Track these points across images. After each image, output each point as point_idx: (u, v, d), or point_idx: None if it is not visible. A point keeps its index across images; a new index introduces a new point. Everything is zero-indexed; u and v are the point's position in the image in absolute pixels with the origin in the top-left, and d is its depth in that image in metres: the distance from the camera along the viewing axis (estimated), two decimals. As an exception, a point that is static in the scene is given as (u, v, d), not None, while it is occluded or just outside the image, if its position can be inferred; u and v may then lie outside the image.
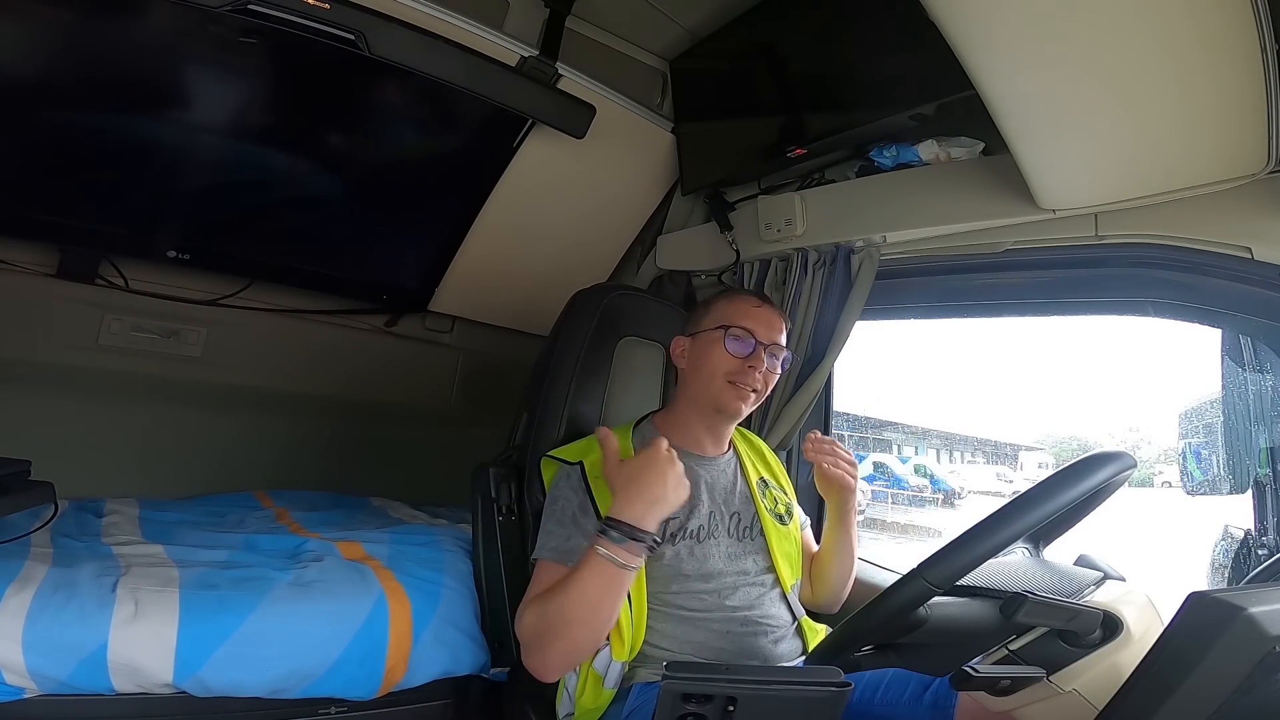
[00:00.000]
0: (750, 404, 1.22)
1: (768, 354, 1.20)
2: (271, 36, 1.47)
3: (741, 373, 1.19)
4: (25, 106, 1.53)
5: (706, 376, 1.21)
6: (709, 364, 1.21)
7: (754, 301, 1.25)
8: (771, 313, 1.25)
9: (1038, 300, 1.42)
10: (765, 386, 1.22)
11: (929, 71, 1.22)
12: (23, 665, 1.07)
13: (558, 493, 1.16)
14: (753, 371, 1.19)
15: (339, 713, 1.30)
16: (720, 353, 1.20)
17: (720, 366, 1.19)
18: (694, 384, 1.24)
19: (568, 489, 1.16)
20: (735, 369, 1.19)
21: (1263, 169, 1.05)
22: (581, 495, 1.14)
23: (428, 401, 2.39)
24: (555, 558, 1.08)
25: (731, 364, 1.19)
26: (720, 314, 1.24)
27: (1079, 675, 0.80)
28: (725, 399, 1.20)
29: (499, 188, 1.93)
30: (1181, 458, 1.51)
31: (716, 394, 1.20)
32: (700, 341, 1.24)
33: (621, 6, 1.69)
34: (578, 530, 1.10)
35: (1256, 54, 0.92)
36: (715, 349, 1.20)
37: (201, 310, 1.98)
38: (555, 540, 1.10)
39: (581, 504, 1.13)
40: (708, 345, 1.22)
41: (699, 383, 1.22)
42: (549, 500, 1.18)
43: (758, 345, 1.20)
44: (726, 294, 1.29)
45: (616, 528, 0.97)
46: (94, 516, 1.68)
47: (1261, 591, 0.61)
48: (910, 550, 4.14)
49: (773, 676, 0.81)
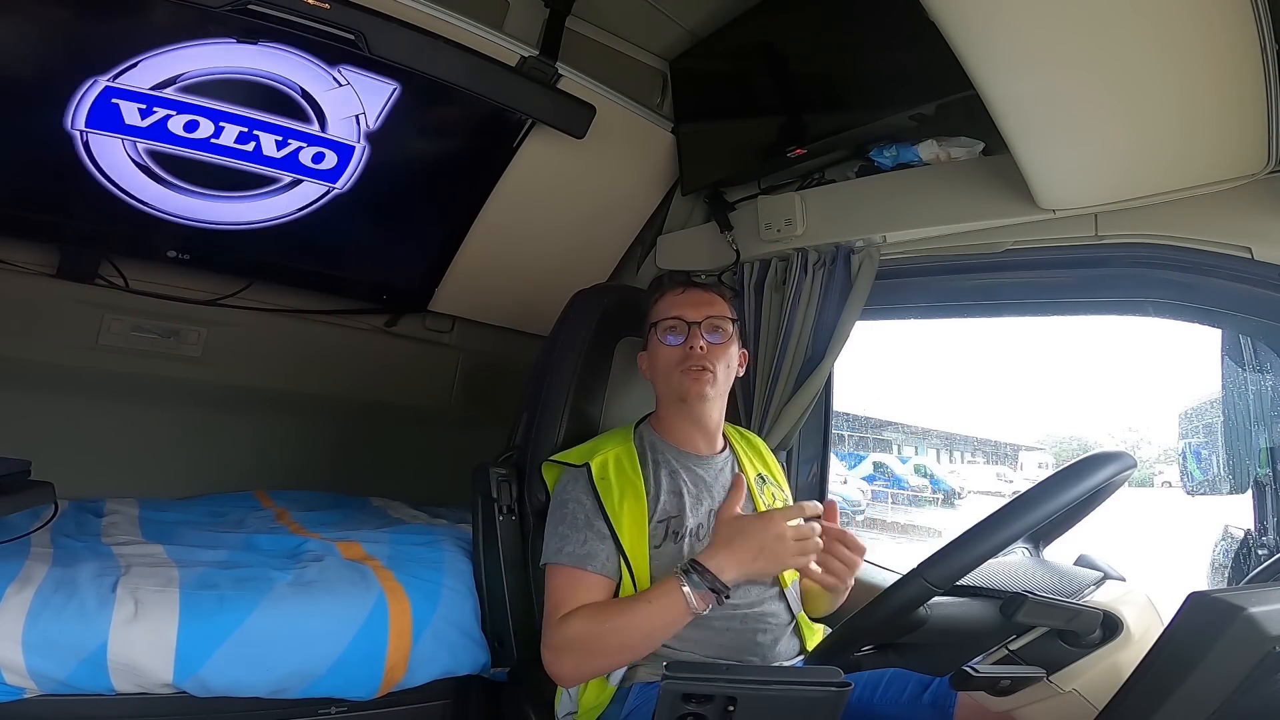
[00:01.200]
0: (711, 383, 1.21)
1: (704, 331, 1.22)
2: (271, 36, 1.47)
3: (684, 357, 1.21)
4: (26, 106, 1.53)
5: (663, 376, 1.24)
6: (659, 364, 1.24)
7: (678, 290, 1.27)
8: (698, 293, 1.26)
9: (1038, 300, 1.42)
10: (716, 361, 1.22)
11: (929, 71, 1.22)
12: (23, 665, 1.08)
13: (567, 495, 1.17)
14: (692, 351, 1.20)
15: (339, 713, 1.30)
16: (662, 350, 1.23)
17: (667, 361, 1.22)
18: (658, 387, 1.26)
19: (578, 492, 1.16)
20: (679, 357, 1.21)
21: (1263, 169, 1.05)
22: (592, 497, 1.14)
23: (428, 401, 2.39)
24: (575, 563, 1.09)
25: (673, 354, 1.21)
26: (653, 315, 1.27)
27: (1079, 675, 0.80)
28: (684, 387, 1.21)
29: (499, 188, 1.93)
30: (1181, 458, 1.52)
31: (675, 387, 1.22)
32: (649, 348, 1.27)
33: (621, 6, 1.69)
34: (592, 534, 1.11)
35: (1256, 54, 0.92)
36: (657, 349, 1.24)
37: (201, 310, 1.98)
38: (572, 545, 1.11)
39: (591, 508, 1.14)
40: (653, 348, 1.26)
41: (660, 384, 1.26)
42: (557, 504, 1.18)
43: (690, 326, 1.21)
44: (655, 292, 1.31)
45: (700, 573, 0.99)
46: (94, 516, 1.68)
47: (1261, 591, 0.61)
48: (910, 550, 4.14)
49: (773, 676, 0.81)
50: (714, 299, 1.26)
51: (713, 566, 1.00)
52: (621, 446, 1.21)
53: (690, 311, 1.23)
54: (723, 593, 1.00)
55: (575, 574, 1.09)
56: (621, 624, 1.01)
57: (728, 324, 1.25)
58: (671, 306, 1.25)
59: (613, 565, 1.10)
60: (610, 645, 1.02)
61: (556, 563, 1.11)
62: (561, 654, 1.04)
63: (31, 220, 1.71)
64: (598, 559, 1.09)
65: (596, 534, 1.11)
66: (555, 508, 1.18)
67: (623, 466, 1.18)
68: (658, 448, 1.23)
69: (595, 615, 1.04)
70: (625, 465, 1.18)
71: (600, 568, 1.09)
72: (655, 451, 1.22)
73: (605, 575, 1.10)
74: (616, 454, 1.20)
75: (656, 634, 1.02)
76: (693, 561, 1.01)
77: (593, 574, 1.09)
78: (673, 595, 0.99)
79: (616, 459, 1.19)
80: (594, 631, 1.02)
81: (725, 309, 1.27)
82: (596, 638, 1.02)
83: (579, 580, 1.09)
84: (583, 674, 1.06)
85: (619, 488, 1.15)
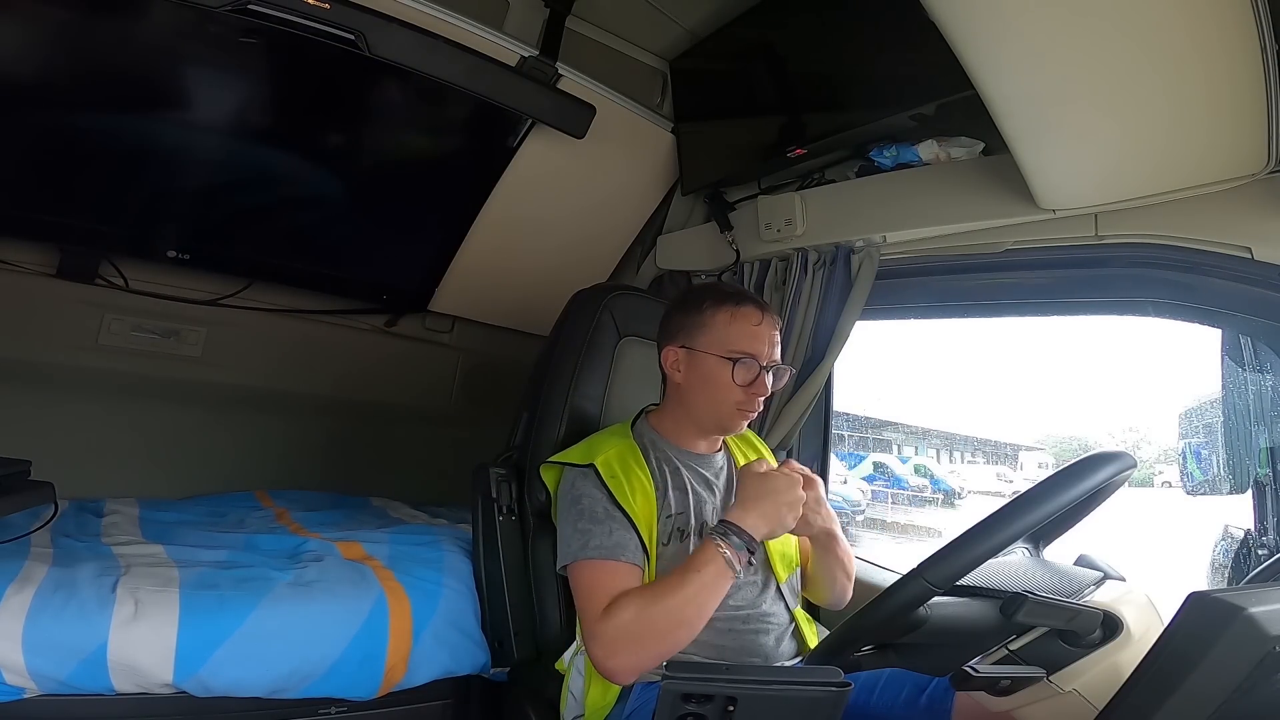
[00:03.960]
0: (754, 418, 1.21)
1: (771, 375, 1.17)
2: (272, 36, 1.47)
3: (747, 400, 1.15)
4: (26, 106, 1.53)
5: (711, 401, 1.17)
6: (713, 389, 1.16)
7: (754, 317, 1.17)
8: (771, 326, 1.19)
9: (1038, 300, 1.42)
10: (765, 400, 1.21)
11: (929, 71, 1.22)
12: (23, 665, 1.07)
13: (580, 492, 1.14)
14: (756, 397, 1.16)
15: (339, 713, 1.30)
16: (726, 381, 1.15)
17: (727, 395, 1.15)
18: (695, 404, 1.19)
19: (589, 487, 1.13)
20: (742, 398, 1.15)
21: (1263, 169, 1.05)
22: (605, 492, 1.12)
23: (428, 401, 2.39)
24: (606, 555, 1.07)
25: (738, 393, 1.15)
26: (722, 334, 1.16)
27: (1079, 675, 0.80)
28: (731, 423, 1.19)
29: (499, 187, 1.93)
30: (1181, 458, 1.51)
31: (723, 419, 1.18)
32: (700, 361, 1.17)
33: (621, 6, 1.69)
34: (617, 524, 1.09)
35: (1256, 54, 0.92)
36: (720, 376, 1.15)
37: (201, 310, 1.98)
38: (598, 539, 1.08)
39: (608, 502, 1.11)
40: (711, 369, 1.16)
41: (702, 405, 1.18)
42: (568, 501, 1.15)
43: (761, 371, 1.15)
44: (723, 305, 1.18)
45: (737, 533, 1.01)
46: (94, 516, 1.68)
47: (1261, 591, 0.61)
48: (910, 550, 4.14)
49: (773, 676, 0.81)
50: (778, 332, 1.20)
51: (747, 525, 1.01)
52: (623, 443, 1.19)
53: (766, 350, 1.16)
54: (757, 549, 1.03)
55: (608, 566, 1.06)
56: (674, 602, 0.99)
57: (785, 372, 1.22)
58: (751, 339, 1.16)
59: (640, 554, 1.09)
60: (666, 627, 0.99)
61: (585, 558, 1.08)
62: (616, 647, 1.00)
63: (31, 220, 1.71)
64: (628, 549, 1.07)
65: (620, 524, 1.09)
66: (567, 505, 1.15)
67: (628, 464, 1.15)
68: (659, 445, 1.21)
69: (644, 599, 1.01)
70: (630, 462, 1.16)
71: (632, 557, 1.07)
72: (657, 449, 1.20)
73: (637, 565, 1.08)
74: (620, 451, 1.17)
75: (708, 604, 1.01)
76: (724, 521, 1.03)
77: (626, 564, 1.07)
78: (716, 560, 1.00)
79: (621, 456, 1.16)
80: (647, 616, 0.99)
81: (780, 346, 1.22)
82: (650, 622, 0.99)
83: (613, 572, 1.06)
84: (642, 664, 1.01)
85: (629, 484, 1.13)
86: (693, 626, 1.01)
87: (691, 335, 1.18)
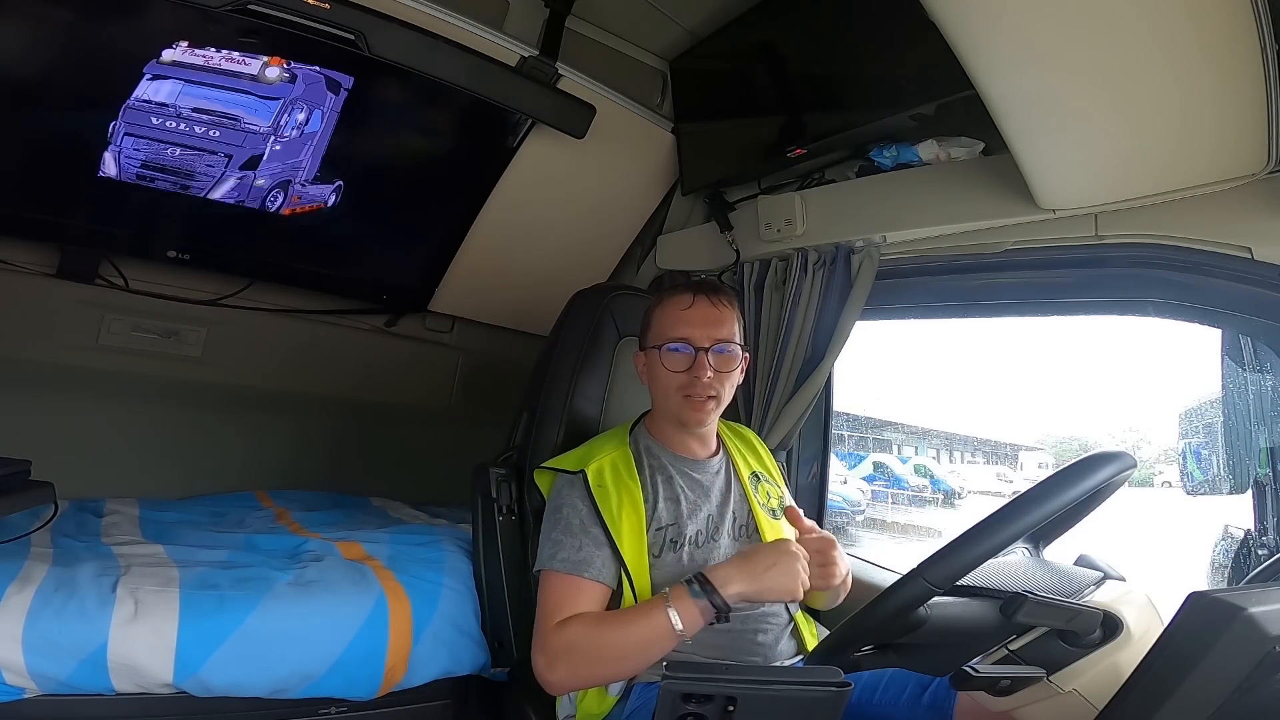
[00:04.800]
0: (712, 410, 1.18)
1: (712, 355, 1.14)
2: (272, 36, 1.47)
3: (689, 385, 1.15)
4: (26, 106, 1.53)
5: (661, 395, 1.19)
6: (659, 383, 1.18)
7: (684, 301, 1.17)
8: (705, 307, 1.16)
9: (1038, 300, 1.42)
10: (722, 386, 1.17)
11: (929, 71, 1.22)
12: (23, 665, 1.08)
13: (562, 500, 1.15)
14: (698, 380, 1.14)
15: (339, 713, 1.30)
16: (663, 371, 1.16)
17: (669, 384, 1.16)
18: (656, 400, 1.22)
19: (574, 497, 1.14)
20: (683, 383, 1.15)
21: (1263, 169, 1.05)
22: (588, 504, 1.13)
23: (428, 401, 2.39)
24: (569, 569, 1.08)
25: (677, 379, 1.15)
26: (656, 327, 1.19)
27: (1079, 675, 0.80)
28: (684, 414, 1.18)
29: (499, 188, 1.93)
30: (1181, 458, 1.51)
31: (675, 411, 1.18)
32: (649, 358, 1.20)
33: (621, 6, 1.69)
34: (588, 539, 1.09)
35: (1256, 54, 0.92)
36: (658, 368, 1.17)
37: (201, 310, 1.98)
38: (566, 551, 1.09)
39: (589, 513, 1.12)
40: (654, 364, 1.18)
41: (658, 400, 1.21)
42: (552, 508, 1.16)
43: (697, 353, 1.14)
44: (658, 300, 1.22)
45: (704, 586, 0.97)
46: (94, 516, 1.68)
47: (1261, 591, 0.61)
48: (910, 550, 4.14)
49: (773, 676, 0.81)
50: (723, 314, 1.17)
51: (716, 579, 0.97)
52: (617, 452, 1.19)
53: (698, 333, 1.15)
54: (723, 609, 0.97)
55: (570, 580, 1.07)
56: (616, 637, 0.99)
57: (736, 346, 1.18)
58: (678, 323, 1.16)
59: (609, 573, 1.08)
60: (605, 657, 1.00)
61: (550, 568, 1.09)
62: (555, 661, 1.01)
63: (31, 220, 1.71)
64: (593, 566, 1.08)
65: (592, 540, 1.09)
66: (550, 513, 1.16)
67: (619, 473, 1.16)
68: (653, 452, 1.21)
69: (593, 625, 1.02)
70: (622, 472, 1.16)
71: (596, 575, 1.07)
72: (651, 456, 1.21)
73: (601, 582, 1.08)
74: (613, 459, 1.18)
75: (649, 650, 0.99)
76: (700, 574, 0.99)
77: (588, 581, 1.07)
78: (660, 617, 0.97)
79: (613, 465, 1.17)
80: (591, 642, 1.00)
81: (734, 325, 1.18)
82: (592, 649, 1.00)
83: (574, 587, 1.07)
84: (575, 682, 1.04)
85: (617, 495, 1.13)
86: (635, 664, 1.02)
87: (643, 337, 1.24)
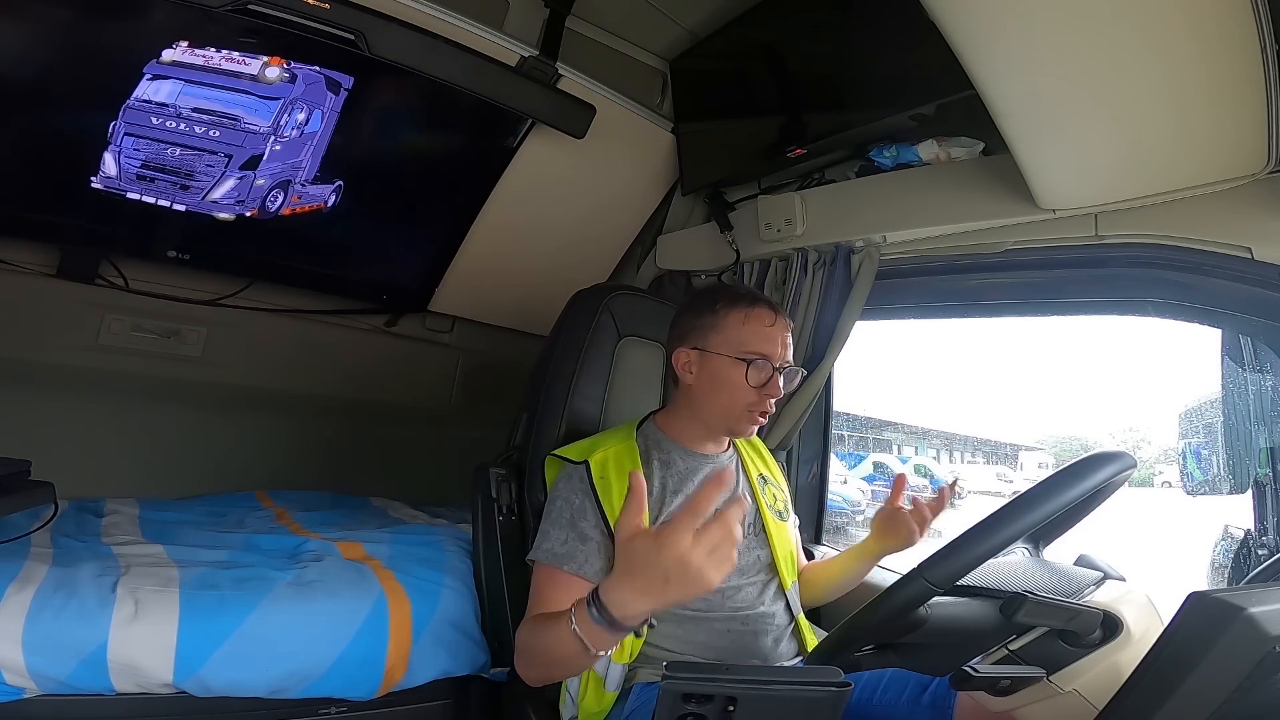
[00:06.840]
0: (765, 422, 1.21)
1: (784, 377, 1.17)
2: (272, 36, 1.47)
3: (760, 402, 1.15)
4: (27, 105, 1.53)
5: (723, 403, 1.16)
6: (726, 391, 1.15)
7: (768, 318, 1.16)
8: (784, 328, 1.18)
9: (1038, 300, 1.42)
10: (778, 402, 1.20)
11: (929, 71, 1.22)
12: (23, 665, 1.07)
13: (557, 493, 1.15)
14: (768, 399, 1.15)
15: (339, 713, 1.30)
16: (739, 383, 1.14)
17: (739, 397, 1.14)
18: (706, 406, 1.18)
19: (568, 490, 1.14)
20: (754, 400, 1.14)
21: (1263, 169, 1.05)
22: (582, 497, 1.12)
23: (428, 401, 2.39)
24: (550, 560, 1.07)
25: (751, 395, 1.14)
26: (736, 335, 1.15)
27: (1079, 675, 0.80)
28: (743, 427, 1.17)
29: (499, 188, 1.93)
30: (1181, 458, 1.51)
31: (734, 422, 1.17)
32: (713, 363, 1.16)
33: (621, 6, 1.69)
34: (575, 533, 1.09)
35: (1256, 54, 0.92)
36: (733, 377, 1.14)
37: (201, 310, 1.98)
38: (550, 543, 1.09)
39: (580, 506, 1.11)
40: (724, 370, 1.15)
41: (713, 407, 1.17)
42: (551, 498, 1.16)
43: (775, 372, 1.15)
44: (737, 306, 1.17)
45: (599, 608, 0.78)
46: (94, 516, 1.68)
47: (1261, 591, 0.61)
48: (910, 550, 4.14)
49: (773, 676, 0.81)
50: (789, 334, 1.19)
51: (610, 601, 0.77)
52: (623, 445, 1.19)
53: (779, 352, 1.15)
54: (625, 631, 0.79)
55: (551, 572, 1.07)
56: (537, 645, 0.94)
57: (797, 373, 1.22)
58: (764, 340, 1.15)
59: (592, 568, 1.06)
60: (538, 660, 0.95)
61: (535, 558, 1.10)
62: (517, 657, 1.00)
63: (32, 220, 1.71)
64: (574, 560, 1.06)
65: (579, 535, 1.09)
66: (547, 504, 1.16)
67: (623, 465, 1.15)
68: (662, 445, 1.21)
69: (534, 628, 0.97)
70: (626, 464, 1.15)
71: (577, 569, 1.06)
72: (661, 451, 1.20)
73: (582, 577, 1.05)
74: (617, 451, 1.17)
75: (570, 665, 0.92)
76: (593, 593, 0.79)
77: (568, 574, 1.06)
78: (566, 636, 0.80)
79: (617, 456, 1.16)
80: (530, 645, 0.97)
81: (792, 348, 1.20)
82: (531, 651, 0.96)
83: (554, 579, 1.06)
84: (532, 680, 0.99)
85: (619, 488, 1.12)
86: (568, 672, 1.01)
87: (704, 336, 1.17)
